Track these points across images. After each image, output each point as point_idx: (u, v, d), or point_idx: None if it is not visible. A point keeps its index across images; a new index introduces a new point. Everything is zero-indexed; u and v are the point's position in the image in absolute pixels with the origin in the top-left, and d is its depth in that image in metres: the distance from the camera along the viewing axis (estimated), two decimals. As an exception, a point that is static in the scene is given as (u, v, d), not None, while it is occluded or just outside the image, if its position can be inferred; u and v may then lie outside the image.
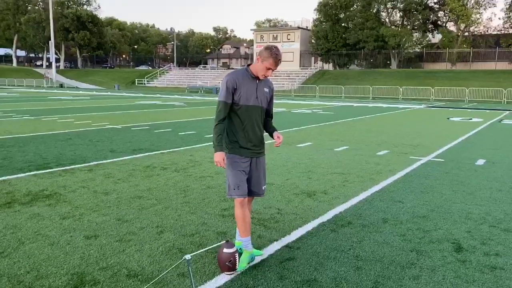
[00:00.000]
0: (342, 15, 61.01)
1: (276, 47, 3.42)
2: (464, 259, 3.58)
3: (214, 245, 3.47)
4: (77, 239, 3.83)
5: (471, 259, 3.57)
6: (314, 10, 62.69)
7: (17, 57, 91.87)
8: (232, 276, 3.18)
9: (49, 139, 9.84)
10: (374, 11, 58.00)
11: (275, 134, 3.65)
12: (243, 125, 3.43)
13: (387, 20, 59.10)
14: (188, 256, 2.81)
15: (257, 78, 3.46)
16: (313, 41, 62.42)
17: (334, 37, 59.29)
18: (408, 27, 56.77)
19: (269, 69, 3.40)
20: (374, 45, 55.76)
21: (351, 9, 60.03)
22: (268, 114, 3.68)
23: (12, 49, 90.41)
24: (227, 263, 3.14)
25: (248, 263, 3.38)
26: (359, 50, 58.31)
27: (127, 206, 4.87)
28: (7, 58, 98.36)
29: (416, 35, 56.69)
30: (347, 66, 62.72)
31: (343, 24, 61.09)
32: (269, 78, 3.59)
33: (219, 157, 3.34)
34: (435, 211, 4.88)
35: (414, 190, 5.78)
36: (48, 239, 3.83)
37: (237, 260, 3.19)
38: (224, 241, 3.25)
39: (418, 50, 57.45)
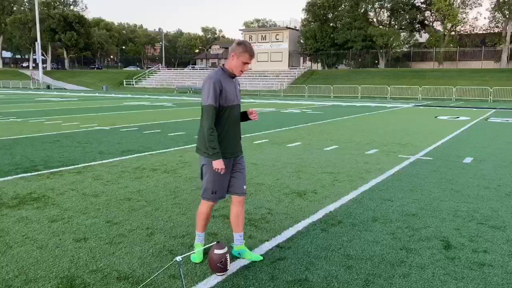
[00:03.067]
0: (330, 15, 61.31)
1: (248, 42, 3.42)
2: (453, 256, 3.61)
3: (205, 246, 3.46)
4: (66, 242, 3.79)
5: (459, 256, 3.61)
6: (303, 10, 62.95)
7: (3, 59, 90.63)
8: (224, 277, 3.17)
9: (37, 141, 9.72)
10: (362, 11, 58.40)
11: (248, 113, 3.59)
12: (227, 126, 3.40)
13: (374, 20, 59.55)
14: (179, 258, 2.80)
15: (233, 76, 3.45)
16: (301, 41, 62.61)
17: (322, 37, 59.53)
18: (396, 26, 57.26)
19: (245, 63, 3.38)
20: (362, 44, 56.13)
21: (339, 9, 60.36)
22: None
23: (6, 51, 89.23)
24: (218, 264, 3.14)
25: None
26: (347, 50, 58.63)
27: (116, 208, 4.83)
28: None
29: (403, 34, 57.21)
30: (336, 66, 63.05)
31: (331, 24, 61.39)
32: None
33: (221, 164, 3.29)
34: (424, 209, 4.92)
35: (403, 189, 5.83)
36: (36, 242, 3.78)
37: (228, 261, 3.19)
38: (215, 242, 3.24)
39: (406, 50, 58.01)
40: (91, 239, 3.87)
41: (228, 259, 3.19)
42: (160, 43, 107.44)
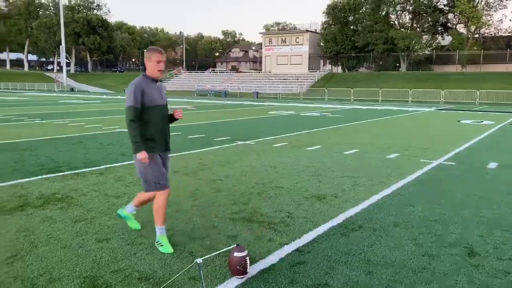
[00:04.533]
0: (351, 18, 60.90)
1: (154, 46, 4.05)
2: (477, 263, 3.54)
3: (224, 249, 3.48)
4: (89, 242, 3.86)
5: (484, 264, 3.53)
6: (323, 13, 62.71)
7: (29, 62, 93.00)
8: (243, 280, 3.18)
9: (61, 143, 9.93)
10: (383, 13, 57.81)
11: (174, 113, 3.95)
12: (154, 124, 3.76)
13: (396, 22, 58.88)
14: (199, 260, 2.83)
15: (156, 80, 3.83)
16: (321, 44, 62.36)
17: (343, 40, 59.18)
18: (418, 29, 56.51)
19: (159, 61, 3.77)
20: (383, 47, 55.54)
21: (360, 11, 59.88)
22: None
23: (23, 54, 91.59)
24: (238, 266, 3.15)
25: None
26: (368, 52, 58.13)
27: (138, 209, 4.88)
28: (18, 63, 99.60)
29: (425, 37, 56.34)
30: (356, 69, 62.55)
31: (352, 27, 60.97)
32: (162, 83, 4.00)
33: (144, 155, 3.66)
34: (446, 215, 4.84)
35: (425, 194, 5.73)
36: (60, 242, 3.86)
37: (248, 264, 3.19)
38: (235, 245, 3.25)
39: (428, 53, 57.10)
40: (113, 240, 3.94)
41: (248, 262, 3.19)
42: (181, 46, 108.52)
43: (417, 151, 9.31)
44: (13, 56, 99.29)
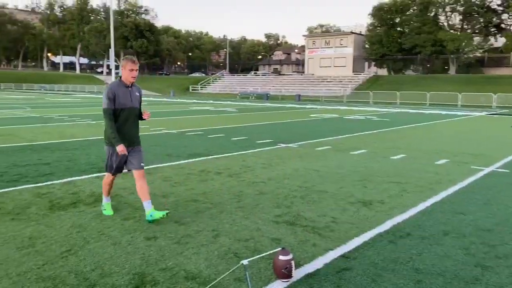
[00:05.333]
0: (397, 20, 59.46)
1: (129, 55, 4.61)
2: (535, 277, 3.34)
3: (270, 252, 3.48)
4: (138, 240, 3.98)
5: (543, 278, 3.33)
6: (368, 14, 61.61)
7: (80, 65, 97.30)
8: (288, 283, 3.17)
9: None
10: (431, 15, 56.03)
11: (143, 114, 4.67)
12: (123, 123, 4.42)
13: (445, 24, 56.87)
14: (245, 262, 2.85)
15: (129, 86, 4.45)
16: (366, 46, 61.25)
17: (389, 42, 57.87)
18: (469, 30, 54.31)
19: (131, 70, 4.36)
20: (431, 49, 53.81)
21: (407, 13, 58.36)
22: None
23: (75, 57, 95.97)
24: (283, 270, 3.14)
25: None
26: (415, 55, 56.50)
27: (184, 209, 5.00)
28: (71, 66, 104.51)
29: (477, 39, 54.05)
30: (403, 71, 60.96)
31: (398, 29, 59.53)
32: (137, 85, 4.60)
33: (122, 147, 4.36)
34: (500, 224, 4.61)
35: (476, 202, 5.49)
36: (111, 239, 4.00)
37: (293, 268, 3.18)
38: (280, 248, 3.24)
39: (479, 55, 54.76)
40: (160, 238, 4.03)
41: (293, 265, 3.18)
42: (225, 49, 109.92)
43: (468, 157, 8.93)
44: (66, 59, 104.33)
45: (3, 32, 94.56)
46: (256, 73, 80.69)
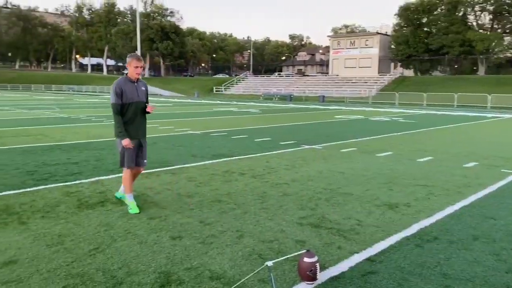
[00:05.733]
0: (424, 20, 58.41)
1: (134, 53, 4.84)
2: None
3: (295, 254, 3.46)
4: (163, 239, 4.03)
5: None
6: (395, 15, 60.73)
7: (107, 66, 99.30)
8: (313, 286, 3.15)
9: (136, 143, 10.46)
10: (460, 14, 54.83)
11: (148, 108, 4.87)
12: (130, 116, 4.71)
13: (474, 23, 55.56)
14: (270, 263, 2.84)
15: (134, 81, 4.74)
16: (392, 46, 60.38)
17: (415, 42, 56.89)
18: (499, 30, 52.85)
19: (136, 67, 4.65)
20: (459, 50, 52.62)
21: (435, 13, 57.25)
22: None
23: (103, 59, 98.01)
24: (308, 272, 3.12)
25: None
26: (442, 55, 55.35)
27: (208, 209, 5.03)
28: (98, 67, 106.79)
29: (507, 38, 52.56)
30: (429, 72, 59.82)
31: (425, 29, 58.46)
32: (142, 79, 4.85)
33: (127, 141, 4.69)
34: (533, 230, 4.46)
35: (508, 206, 5.33)
36: (137, 237, 4.07)
37: (318, 270, 3.16)
38: (305, 251, 3.23)
39: (510, 55, 53.20)
40: (185, 238, 4.07)
41: (318, 268, 3.15)
42: (249, 51, 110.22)
43: (498, 160, 8.69)
44: (94, 61, 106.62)
45: (34, 35, 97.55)
46: (279, 74, 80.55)
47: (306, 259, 3.14)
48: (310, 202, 5.40)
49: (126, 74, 4.74)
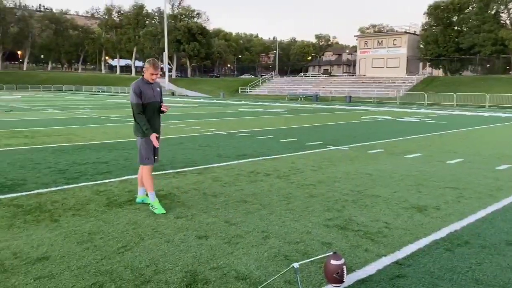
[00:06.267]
0: (455, 18, 57.04)
1: (153, 59, 4.95)
2: None
3: (321, 255, 3.43)
4: (190, 238, 4.06)
5: None
6: (424, 13, 59.60)
7: (136, 67, 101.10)
8: (339, 288, 3.11)
9: (163, 143, 10.58)
10: (492, 12, 53.26)
11: (162, 107, 5.05)
12: (151, 116, 4.94)
13: (507, 21, 53.82)
14: (296, 265, 2.83)
15: (150, 83, 4.94)
16: (421, 46, 59.21)
17: (445, 42, 55.67)
18: (534, 28, 51.07)
19: (152, 74, 4.88)
20: (491, 49, 51.14)
21: (466, 11, 55.81)
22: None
23: (131, 60, 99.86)
24: (334, 274, 3.08)
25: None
26: (473, 55, 53.89)
27: (234, 209, 5.05)
28: (127, 68, 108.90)
29: (543, 37, 50.72)
30: (460, 72, 58.35)
31: (455, 28, 57.07)
32: (157, 80, 5.04)
33: (154, 137, 4.86)
34: None
35: (543, 211, 5.14)
36: (164, 236, 4.12)
37: (345, 273, 3.12)
38: (332, 253, 3.19)
39: (546, 54, 51.36)
40: (211, 237, 4.10)
41: (345, 270, 3.12)
42: (274, 51, 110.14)
43: (533, 163, 8.38)
44: (123, 62, 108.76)
45: (66, 37, 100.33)
46: (305, 74, 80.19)
47: (332, 261, 3.11)
48: (337, 204, 5.35)
49: (143, 76, 4.95)
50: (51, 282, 3.14)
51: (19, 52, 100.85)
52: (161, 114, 5.15)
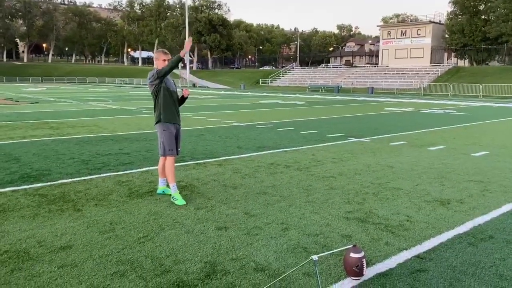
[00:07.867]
0: (481, 7, 55.39)
1: (159, 49, 5.09)
2: None
3: (341, 248, 3.41)
4: (209, 229, 4.09)
5: None
6: (449, 2, 58.03)
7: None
8: (359, 281, 3.08)
9: (184, 134, 10.62)
10: (521, 0, 51.43)
11: (184, 91, 5.18)
12: (173, 103, 4.99)
13: (538, 9, 51.92)
14: (315, 257, 2.81)
15: None
16: (446, 35, 57.78)
17: (471, 31, 54.17)
18: None
19: (164, 60, 4.89)
20: (520, 38, 49.49)
21: (493, -1, 54.11)
22: None
23: (153, 52, 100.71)
24: (354, 267, 3.06)
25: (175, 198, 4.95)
26: (501, 44, 52.32)
27: (253, 201, 5.05)
28: (149, 60, 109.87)
29: None
30: (486, 62, 56.79)
31: (482, 17, 55.44)
32: (179, 71, 5.12)
33: (189, 42, 4.89)
34: None
35: None
36: (184, 227, 4.16)
37: (365, 266, 3.09)
38: (351, 245, 3.17)
39: None
40: (231, 229, 4.12)
41: (365, 264, 3.09)
42: (295, 42, 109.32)
43: (562, 156, 8.12)
44: (145, 54, 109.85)
45: (89, 30, 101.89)
46: (327, 65, 79.37)
47: (352, 254, 3.08)
48: (357, 196, 5.30)
49: (157, 69, 4.92)
50: (74, 270, 3.22)
51: (44, 45, 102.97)
52: (182, 103, 5.25)
